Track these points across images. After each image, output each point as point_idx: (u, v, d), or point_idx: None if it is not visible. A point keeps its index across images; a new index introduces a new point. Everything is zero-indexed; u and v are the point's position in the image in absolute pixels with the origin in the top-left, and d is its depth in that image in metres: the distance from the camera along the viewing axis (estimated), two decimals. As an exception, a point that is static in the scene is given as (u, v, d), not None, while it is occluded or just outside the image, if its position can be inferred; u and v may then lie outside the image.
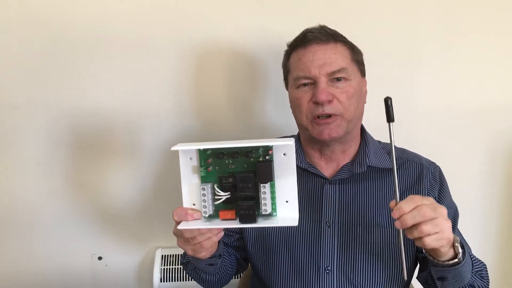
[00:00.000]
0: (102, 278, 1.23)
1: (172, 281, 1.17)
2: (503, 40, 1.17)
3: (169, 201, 1.19)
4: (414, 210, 0.65)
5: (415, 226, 0.65)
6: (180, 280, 1.17)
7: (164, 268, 1.18)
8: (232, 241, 0.92)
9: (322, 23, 0.89)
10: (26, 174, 1.16)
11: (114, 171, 1.18)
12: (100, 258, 1.22)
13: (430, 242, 0.66)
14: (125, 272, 1.24)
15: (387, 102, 0.67)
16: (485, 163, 1.23)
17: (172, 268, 1.18)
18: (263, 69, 1.15)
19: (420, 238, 0.66)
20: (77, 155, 1.16)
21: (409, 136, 1.10)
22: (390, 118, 0.68)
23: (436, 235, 0.66)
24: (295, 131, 1.04)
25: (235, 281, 1.10)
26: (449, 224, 0.67)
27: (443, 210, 0.66)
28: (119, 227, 1.21)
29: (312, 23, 0.89)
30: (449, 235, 0.67)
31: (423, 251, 0.74)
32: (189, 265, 0.86)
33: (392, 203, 0.68)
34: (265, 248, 0.88)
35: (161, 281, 1.17)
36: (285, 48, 0.91)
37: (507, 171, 1.23)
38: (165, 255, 1.20)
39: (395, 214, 0.65)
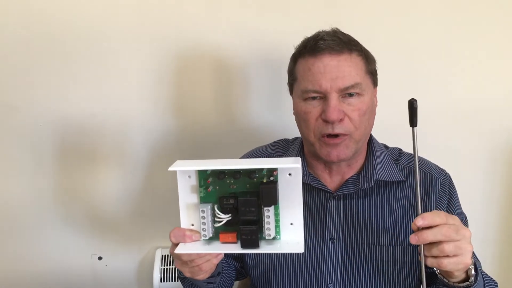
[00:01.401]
0: (102, 278, 1.22)
1: (172, 281, 1.17)
2: (503, 39, 1.14)
3: (169, 201, 1.17)
4: (435, 227, 0.62)
5: (435, 244, 0.62)
6: (180, 280, 1.17)
7: (164, 268, 1.17)
8: None
9: (312, 25, 0.82)
10: (25, 175, 1.14)
11: (114, 171, 1.16)
12: (100, 258, 1.22)
13: (447, 264, 0.62)
14: (125, 272, 1.23)
15: (413, 104, 0.61)
16: (485, 163, 1.21)
17: (172, 268, 1.17)
18: (252, 72, 1.12)
19: (438, 258, 0.62)
20: (76, 155, 1.14)
21: (408, 136, 1.07)
22: (413, 122, 0.62)
23: (456, 258, 0.62)
24: (287, 133, 1.00)
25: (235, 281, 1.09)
26: (470, 248, 0.63)
27: (466, 233, 0.63)
28: (119, 227, 1.20)
29: (302, 25, 0.84)
30: (468, 260, 0.63)
31: (436, 269, 0.71)
32: (186, 280, 0.83)
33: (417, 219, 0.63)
34: (265, 263, 0.85)
35: (161, 281, 1.17)
36: (273, 50, 0.85)
37: (507, 171, 1.21)
38: (165, 255, 1.19)
39: (418, 221, 0.61)
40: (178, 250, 0.62)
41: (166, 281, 1.16)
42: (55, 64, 1.08)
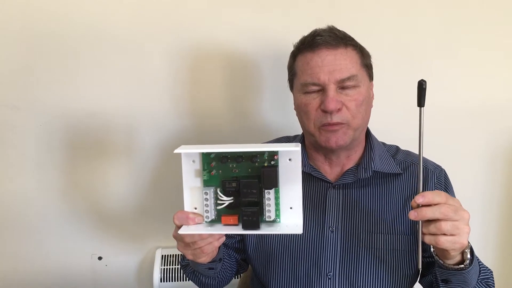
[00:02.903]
0: (102, 278, 1.22)
1: (172, 281, 1.17)
2: (503, 39, 1.16)
3: (169, 201, 1.18)
4: (435, 206, 0.64)
5: (433, 221, 0.64)
6: (180, 280, 1.17)
7: (164, 268, 1.17)
8: (233, 243, 0.91)
9: (317, 24, 0.85)
10: (26, 174, 1.15)
11: (115, 171, 1.17)
12: (100, 258, 1.22)
13: (443, 242, 0.64)
14: (125, 272, 1.23)
15: (422, 85, 0.65)
16: (485, 163, 1.22)
17: (172, 268, 1.17)
18: (259, 70, 1.14)
19: (435, 235, 0.64)
20: (77, 155, 1.15)
21: (409, 136, 1.09)
22: (421, 103, 0.65)
23: (452, 237, 0.64)
24: (292, 130, 1.02)
25: (235, 281, 1.10)
26: (468, 229, 0.65)
27: (465, 214, 0.65)
28: (119, 227, 1.21)
29: (308, 23, 0.87)
30: (465, 241, 0.65)
31: (431, 249, 0.73)
32: (188, 267, 0.85)
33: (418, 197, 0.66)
34: (266, 252, 0.86)
35: (161, 281, 1.17)
36: (280, 47, 0.88)
37: (507, 171, 1.23)
38: (165, 255, 1.19)
39: (418, 199, 0.64)
40: (182, 231, 0.64)
41: (166, 281, 1.17)
42: (57, 63, 1.09)
